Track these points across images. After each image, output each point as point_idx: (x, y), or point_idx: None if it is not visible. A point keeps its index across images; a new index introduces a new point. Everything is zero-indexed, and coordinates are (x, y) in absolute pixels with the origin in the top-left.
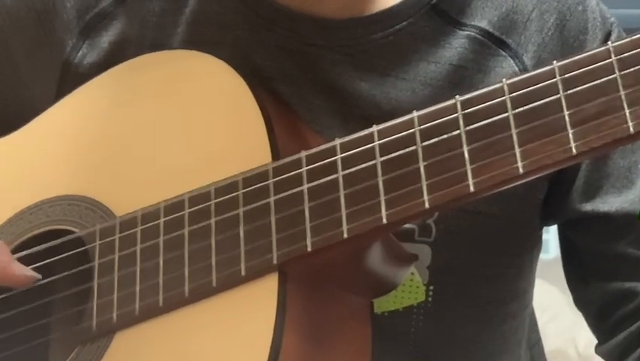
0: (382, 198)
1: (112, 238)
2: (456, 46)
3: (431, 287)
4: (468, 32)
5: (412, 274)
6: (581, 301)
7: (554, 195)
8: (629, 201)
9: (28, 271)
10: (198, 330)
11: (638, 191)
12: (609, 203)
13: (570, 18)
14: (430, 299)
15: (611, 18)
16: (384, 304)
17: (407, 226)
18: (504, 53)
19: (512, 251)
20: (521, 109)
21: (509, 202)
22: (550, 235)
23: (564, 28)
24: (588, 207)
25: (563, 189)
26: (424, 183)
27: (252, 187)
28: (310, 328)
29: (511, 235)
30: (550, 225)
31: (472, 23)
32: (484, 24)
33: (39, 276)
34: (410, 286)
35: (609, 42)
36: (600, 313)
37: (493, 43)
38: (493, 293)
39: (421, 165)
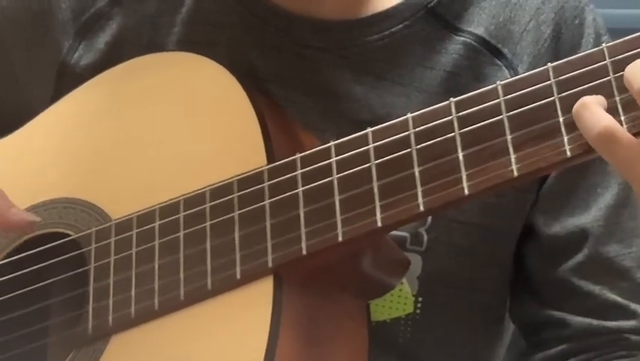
0: (377, 201)
1: (107, 241)
2: (451, 52)
3: (420, 299)
4: (464, 38)
5: (402, 284)
6: (513, 313)
7: None
8: (579, 224)
9: (26, 215)
10: (194, 333)
11: (590, 217)
12: (560, 222)
13: (565, 31)
14: (418, 311)
15: (604, 35)
16: (372, 313)
17: (399, 234)
18: (499, 63)
19: (502, 262)
20: (516, 111)
21: (500, 214)
22: None
23: (559, 40)
24: (540, 219)
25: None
26: (419, 186)
27: (247, 190)
28: (306, 330)
29: (501, 245)
30: None
31: (469, 29)
32: (480, 31)
33: (38, 218)
34: (399, 297)
35: (603, 43)
36: (528, 330)
37: (488, 51)
38: (482, 303)
39: (416, 167)
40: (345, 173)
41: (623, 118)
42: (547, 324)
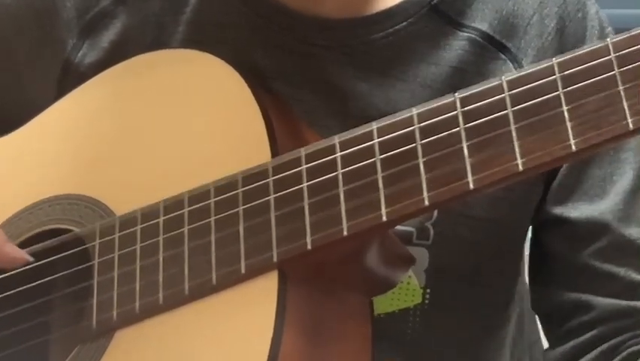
0: (382, 195)
1: (112, 237)
2: (456, 48)
3: (428, 290)
4: (468, 34)
5: (409, 277)
6: (536, 304)
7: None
8: (598, 210)
9: (21, 253)
10: (198, 329)
11: (609, 203)
12: (579, 210)
13: (569, 25)
14: (426, 302)
15: (608, 27)
16: (380, 305)
17: (405, 229)
18: (504, 57)
19: (508, 255)
20: (520, 106)
21: (507, 207)
22: None
23: (563, 34)
24: (558, 210)
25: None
26: (424, 181)
27: (252, 185)
28: (310, 326)
29: (508, 239)
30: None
31: (473, 25)
32: (484, 26)
33: (31, 258)
34: (407, 290)
35: (607, 35)
36: (553, 320)
37: (493, 46)
38: (489, 296)
39: (421, 162)
40: (350, 168)
41: (630, 118)
42: (573, 309)
